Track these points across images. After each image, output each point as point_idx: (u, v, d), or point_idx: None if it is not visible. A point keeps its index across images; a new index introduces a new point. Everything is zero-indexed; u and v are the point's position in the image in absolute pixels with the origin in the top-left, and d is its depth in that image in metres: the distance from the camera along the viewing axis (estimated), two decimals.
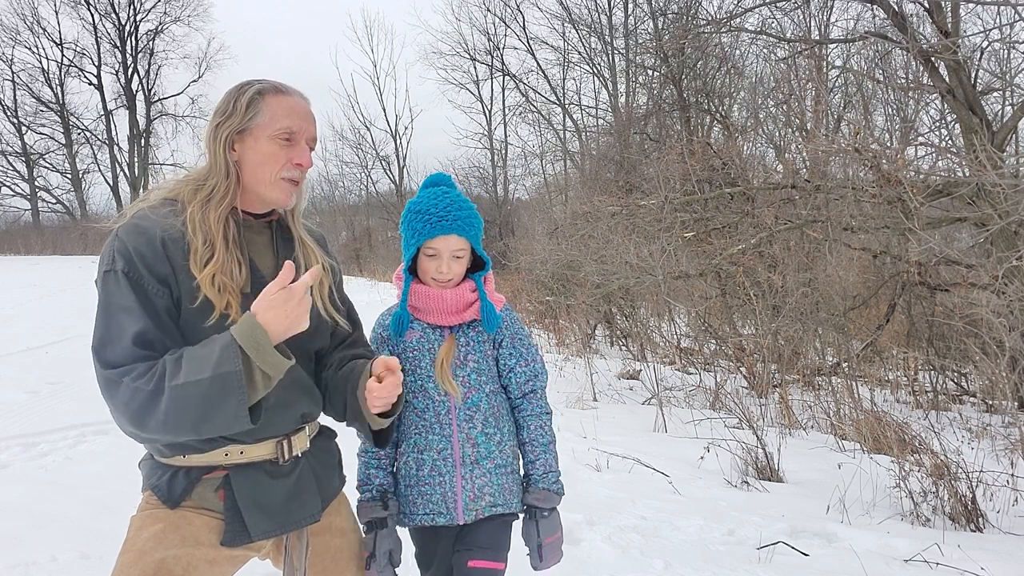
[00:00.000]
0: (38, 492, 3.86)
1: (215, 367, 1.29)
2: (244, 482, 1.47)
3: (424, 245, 1.77)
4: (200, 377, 1.29)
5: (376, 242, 31.85)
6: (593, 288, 9.23)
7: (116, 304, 1.38)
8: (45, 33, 34.13)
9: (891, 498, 4.03)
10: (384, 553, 1.71)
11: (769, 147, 14.59)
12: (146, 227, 1.42)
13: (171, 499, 1.45)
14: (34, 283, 17.02)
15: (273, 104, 1.50)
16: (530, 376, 1.87)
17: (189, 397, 1.29)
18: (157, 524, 1.43)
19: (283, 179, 1.51)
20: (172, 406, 1.29)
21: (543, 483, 1.82)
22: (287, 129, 1.49)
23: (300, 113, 1.53)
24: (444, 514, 1.76)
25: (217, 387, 1.29)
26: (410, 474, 1.79)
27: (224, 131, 1.48)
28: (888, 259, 7.99)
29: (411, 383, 1.78)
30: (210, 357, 1.30)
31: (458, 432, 1.77)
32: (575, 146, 25.03)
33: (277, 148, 1.49)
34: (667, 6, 19.45)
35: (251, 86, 1.51)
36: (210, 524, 1.46)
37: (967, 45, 8.86)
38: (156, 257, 1.40)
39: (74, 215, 35.75)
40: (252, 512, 1.46)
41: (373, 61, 41.21)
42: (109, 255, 1.41)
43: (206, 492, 1.47)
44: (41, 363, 7.70)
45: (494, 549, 1.77)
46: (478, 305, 1.81)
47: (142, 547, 1.40)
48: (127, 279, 1.38)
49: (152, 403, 1.30)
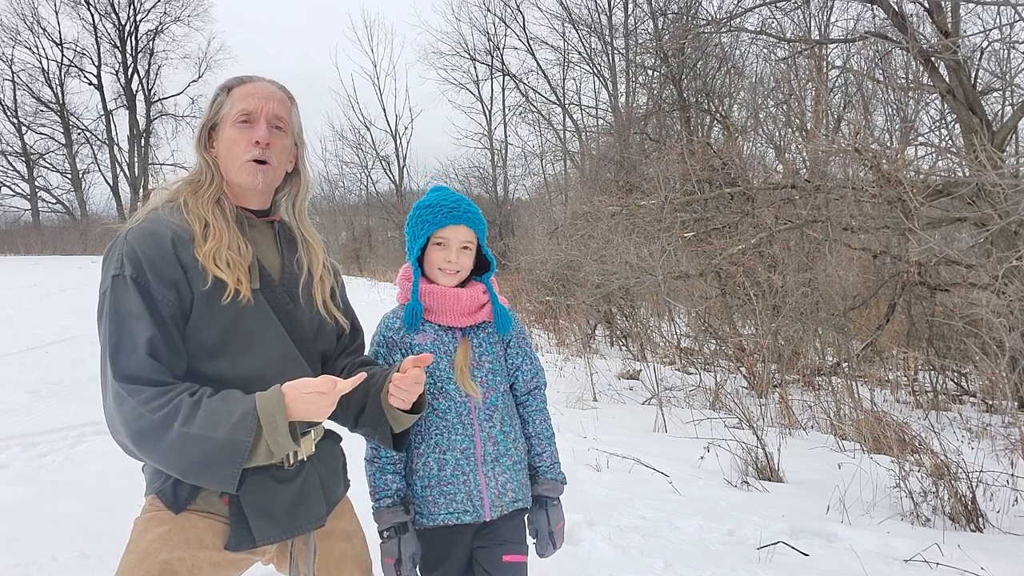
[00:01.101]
0: (38, 492, 3.86)
1: (230, 430, 1.30)
2: (249, 487, 1.45)
3: (434, 235, 1.80)
4: (212, 435, 1.30)
5: (376, 242, 31.87)
6: (593, 288, 9.23)
7: (126, 311, 1.38)
8: (45, 33, 34.13)
9: (891, 498, 4.03)
10: (410, 557, 1.74)
11: (769, 147, 14.61)
12: (156, 229, 1.44)
13: (176, 504, 1.44)
14: (34, 283, 17.02)
15: (235, 95, 1.53)
16: (534, 373, 1.94)
17: (194, 448, 1.30)
18: (162, 526, 1.43)
19: (247, 161, 1.51)
20: (174, 447, 1.30)
21: (550, 474, 1.91)
22: (243, 111, 1.51)
23: (258, 94, 1.53)
24: (470, 512, 1.78)
25: (224, 450, 1.30)
26: (430, 475, 1.79)
27: (201, 131, 1.54)
28: (888, 259, 7.99)
29: (430, 385, 1.80)
30: (228, 418, 1.31)
31: (480, 431, 1.80)
32: (575, 146, 25.03)
33: (237, 132, 1.51)
34: (667, 6, 19.45)
35: (224, 83, 1.56)
36: (214, 528, 1.46)
37: (967, 45, 8.86)
38: (166, 261, 1.40)
39: (74, 215, 35.74)
40: (257, 517, 1.45)
41: (373, 61, 41.33)
42: (117, 259, 1.41)
43: (211, 497, 1.46)
44: (41, 363, 7.69)
45: (521, 543, 1.85)
46: (489, 307, 1.85)
47: (147, 548, 1.40)
48: (136, 285, 1.38)
49: (156, 434, 1.31)
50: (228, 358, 1.39)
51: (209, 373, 1.43)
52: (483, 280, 1.88)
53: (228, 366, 1.43)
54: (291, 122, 1.58)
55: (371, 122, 31.89)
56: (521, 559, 1.82)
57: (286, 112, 1.56)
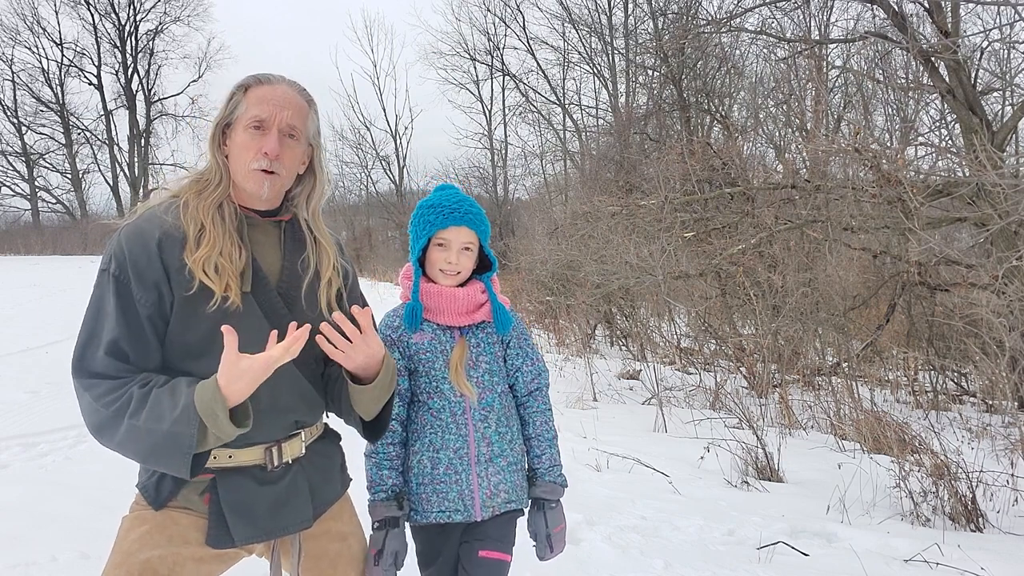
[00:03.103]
0: (38, 492, 3.86)
1: (172, 424, 1.32)
2: (230, 487, 1.45)
3: (435, 235, 1.80)
4: (155, 427, 1.33)
5: (376, 242, 31.89)
6: (593, 288, 9.23)
7: (102, 308, 1.43)
8: (45, 33, 34.18)
9: (891, 498, 4.03)
10: (391, 553, 1.72)
11: (769, 147, 14.59)
12: (145, 228, 1.44)
13: (157, 500, 1.46)
14: (34, 283, 17.03)
15: (252, 95, 1.50)
16: (535, 374, 1.93)
17: (142, 439, 1.34)
18: (144, 525, 1.43)
19: (254, 169, 1.48)
20: (126, 438, 1.35)
21: (549, 476, 1.89)
22: (256, 118, 1.48)
23: (274, 100, 1.50)
24: (461, 511, 1.79)
25: (169, 442, 1.32)
26: (424, 472, 1.80)
27: (216, 129, 1.52)
28: (888, 259, 7.99)
29: (425, 384, 1.81)
30: (171, 411, 1.33)
31: (474, 431, 1.80)
32: (575, 146, 25.02)
33: (248, 138, 1.49)
34: (667, 6, 19.44)
35: (241, 82, 1.53)
36: (197, 523, 1.46)
37: (967, 45, 8.85)
38: (149, 262, 1.41)
39: (74, 215, 35.75)
40: (236, 518, 1.45)
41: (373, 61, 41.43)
42: (107, 255, 1.45)
43: (191, 495, 1.46)
44: (41, 363, 7.69)
45: (503, 541, 1.83)
46: (488, 307, 1.85)
47: (128, 548, 1.41)
48: (115, 283, 1.42)
49: (110, 426, 1.36)
50: (214, 358, 1.38)
51: (195, 372, 1.42)
52: (483, 279, 1.87)
53: (214, 366, 1.41)
54: (305, 128, 1.55)
55: (371, 122, 32.03)
56: (499, 556, 1.80)
57: (301, 120, 1.53)
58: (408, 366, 1.83)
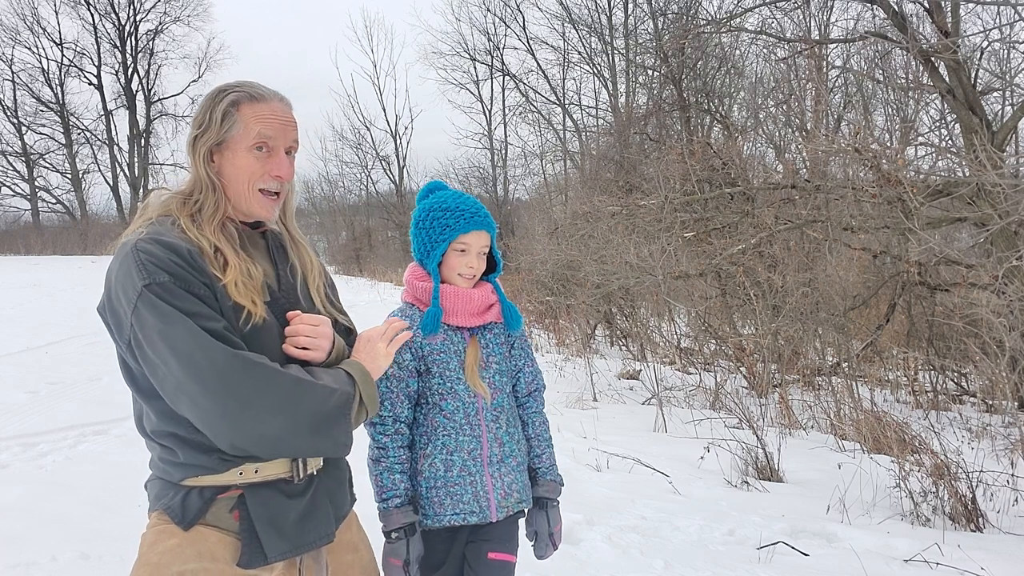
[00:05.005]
0: (38, 492, 3.85)
1: (342, 384, 1.42)
2: (259, 501, 1.43)
3: (456, 240, 1.80)
4: (335, 387, 1.40)
5: (376, 242, 31.90)
6: (593, 288, 9.23)
7: (181, 311, 1.30)
8: (45, 33, 34.16)
9: (891, 498, 4.03)
10: (416, 559, 1.73)
11: (769, 147, 14.57)
12: (171, 241, 1.37)
13: (185, 519, 1.40)
14: (34, 283, 17.03)
15: (248, 113, 1.45)
16: (535, 375, 1.96)
17: (325, 398, 1.39)
18: (172, 539, 1.40)
19: (260, 191, 1.46)
20: (317, 397, 1.38)
21: (550, 475, 1.92)
22: (262, 139, 1.44)
23: (277, 120, 1.46)
24: (477, 512, 1.78)
25: (341, 401, 1.40)
26: (436, 475, 1.79)
27: (202, 145, 1.45)
28: (888, 259, 8.00)
29: (439, 385, 1.80)
30: (336, 376, 1.43)
31: (487, 432, 1.81)
32: (575, 146, 25.02)
33: (253, 160, 1.45)
34: (667, 6, 19.46)
35: (226, 95, 1.45)
36: (225, 541, 1.42)
37: (967, 45, 8.85)
38: (195, 266, 1.36)
39: (74, 215, 35.75)
40: (268, 532, 1.42)
41: (373, 61, 41.34)
42: (139, 272, 1.31)
43: (221, 512, 1.42)
44: (41, 363, 7.69)
45: (510, 542, 1.84)
46: (497, 307, 1.87)
47: (158, 560, 1.37)
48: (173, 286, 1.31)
49: (295, 390, 1.36)
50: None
51: None
52: (490, 280, 1.90)
53: None
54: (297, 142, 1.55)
55: (371, 122, 31.92)
56: (508, 558, 1.81)
57: (297, 135, 1.52)
58: (419, 367, 1.81)
